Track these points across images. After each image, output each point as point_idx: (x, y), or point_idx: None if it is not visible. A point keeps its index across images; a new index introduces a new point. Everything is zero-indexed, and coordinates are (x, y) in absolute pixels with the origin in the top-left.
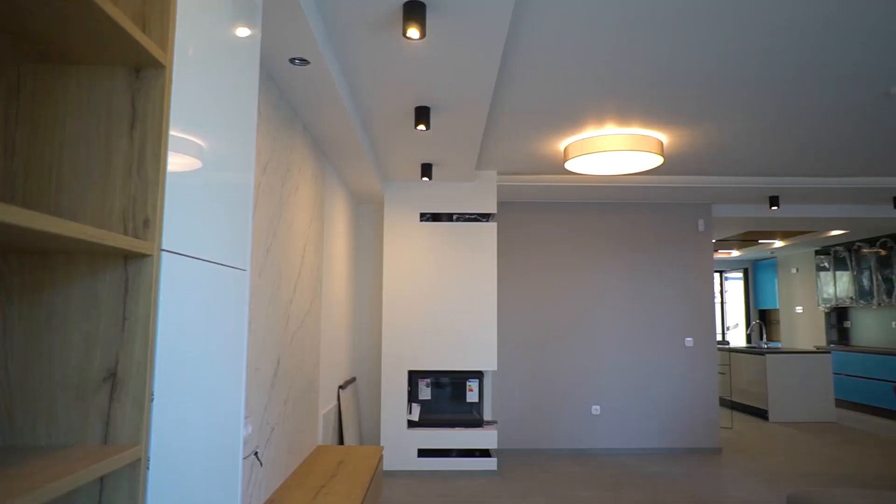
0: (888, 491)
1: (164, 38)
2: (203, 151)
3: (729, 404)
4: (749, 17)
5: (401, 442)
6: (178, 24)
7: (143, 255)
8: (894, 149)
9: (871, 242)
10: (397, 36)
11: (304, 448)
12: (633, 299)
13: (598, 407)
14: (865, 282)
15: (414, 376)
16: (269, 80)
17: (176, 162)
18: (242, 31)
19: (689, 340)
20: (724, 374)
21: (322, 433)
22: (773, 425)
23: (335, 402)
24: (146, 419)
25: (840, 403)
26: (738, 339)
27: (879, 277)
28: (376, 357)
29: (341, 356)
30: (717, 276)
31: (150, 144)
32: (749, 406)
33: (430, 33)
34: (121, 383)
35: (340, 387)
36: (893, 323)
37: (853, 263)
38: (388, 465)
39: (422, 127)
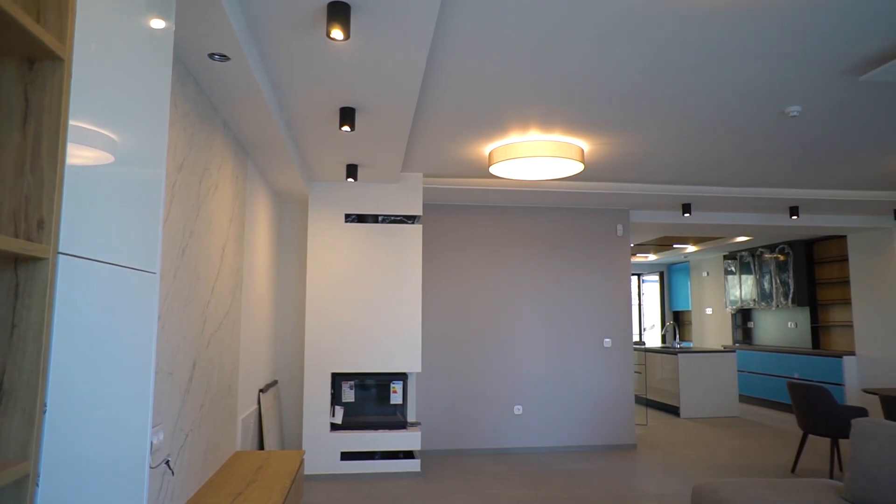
0: (781, 478)
1: (62, 29)
2: (109, 148)
3: (644, 402)
4: (662, 37)
5: (323, 445)
6: (79, 14)
7: (37, 259)
8: (789, 164)
9: (771, 248)
10: (321, 36)
11: (221, 454)
12: (555, 301)
13: (520, 407)
14: (766, 285)
15: (337, 378)
16: (187, 74)
17: (78, 159)
18: (155, 23)
19: (607, 341)
20: (639, 373)
21: (241, 438)
22: (684, 421)
23: (255, 405)
24: (37, 432)
25: (743, 399)
26: (653, 339)
27: (778, 281)
28: (299, 359)
29: (262, 359)
30: (634, 279)
31: (46, 140)
32: (663, 403)
33: (356, 35)
34: (7, 395)
35: (261, 390)
36: (790, 323)
37: (756, 268)
38: (310, 469)
39: (346, 128)
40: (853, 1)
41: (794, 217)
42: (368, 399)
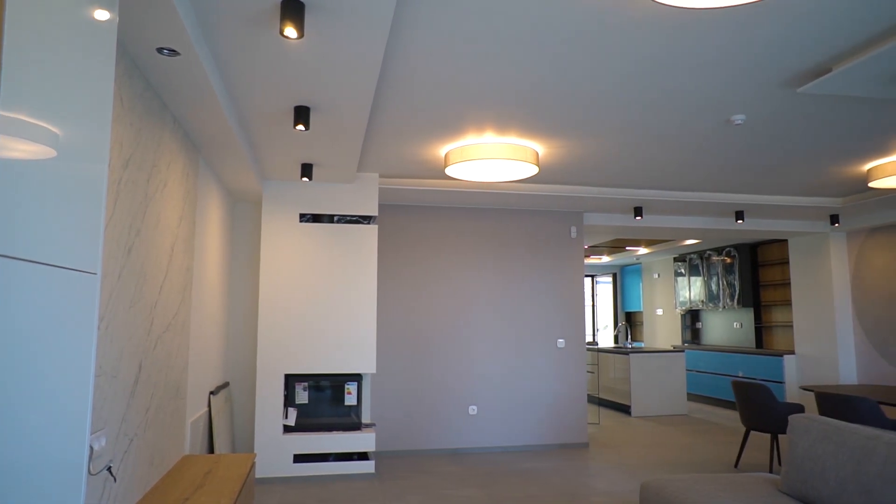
0: (723, 474)
1: None
2: (47, 141)
3: (597, 401)
4: (614, 45)
5: (276, 448)
6: (8, 2)
7: None
8: (735, 170)
9: (718, 251)
10: (275, 34)
11: (168, 458)
12: (510, 302)
13: (475, 407)
14: (714, 287)
15: (291, 380)
16: (134, 69)
17: (10, 152)
18: (99, 14)
19: (561, 342)
20: (592, 373)
21: (190, 442)
22: (635, 419)
23: (205, 408)
24: None
25: (691, 397)
26: (607, 339)
27: (725, 283)
28: (252, 361)
29: (213, 360)
30: (588, 280)
31: None
32: (614, 402)
33: (310, 33)
34: None
35: (212, 392)
36: (735, 324)
37: (704, 270)
38: (261, 473)
39: (301, 127)
40: (793, 18)
41: (740, 221)
42: (322, 400)
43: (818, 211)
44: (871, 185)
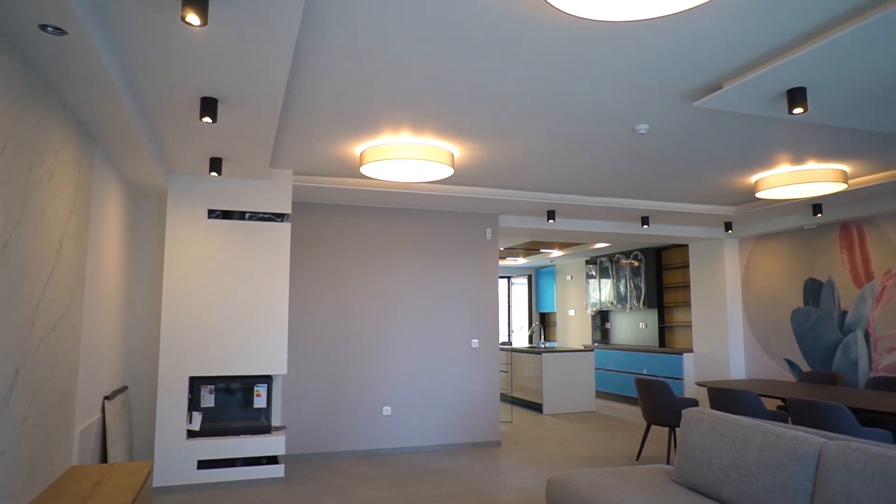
0: (624, 467)
1: None
2: None
3: (510, 400)
4: (527, 51)
5: (179, 454)
6: None
7: None
8: (640, 177)
9: (627, 254)
10: (176, 20)
11: (51, 471)
12: (426, 302)
13: (389, 408)
14: (622, 288)
15: (196, 382)
16: (12, 47)
17: None
18: None
19: (475, 342)
20: (506, 372)
21: (78, 452)
22: (547, 417)
23: (99, 414)
24: None
25: (600, 395)
26: (521, 340)
27: (632, 285)
28: (154, 363)
29: (110, 363)
30: (505, 281)
31: None
32: (527, 401)
33: (216, 21)
34: None
35: (107, 397)
36: (641, 324)
37: (614, 272)
38: (162, 481)
39: (208, 119)
40: (690, 36)
41: (645, 226)
42: (230, 403)
43: (714, 218)
44: (758, 195)
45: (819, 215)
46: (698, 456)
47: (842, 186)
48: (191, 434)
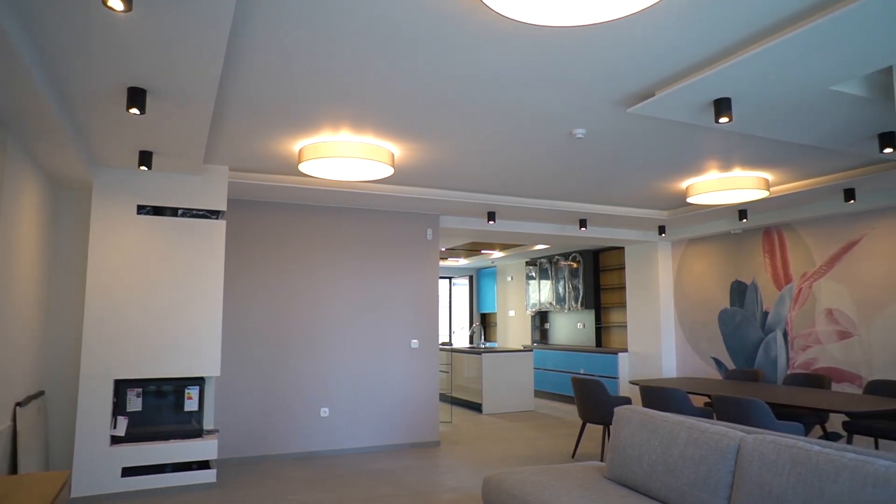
0: (559, 464)
1: None
2: None
3: (450, 400)
4: (465, 53)
5: (101, 462)
6: None
7: None
8: (578, 180)
9: (566, 256)
10: (97, 3)
11: None
12: (365, 303)
13: (326, 409)
14: (561, 289)
15: (122, 385)
16: None
17: None
18: None
19: (414, 342)
20: (446, 372)
21: None
22: (486, 417)
23: (9, 422)
24: None
25: (539, 394)
26: (462, 340)
27: (570, 286)
28: (76, 366)
29: (23, 367)
30: (446, 282)
31: None
32: (467, 401)
33: (141, 6)
34: None
35: (18, 403)
36: (579, 324)
37: (553, 273)
38: (83, 491)
39: (135, 110)
40: (625, 43)
41: (583, 229)
42: (159, 407)
43: (649, 222)
44: (688, 200)
45: (744, 220)
46: (629, 452)
47: (764, 194)
48: (115, 440)
